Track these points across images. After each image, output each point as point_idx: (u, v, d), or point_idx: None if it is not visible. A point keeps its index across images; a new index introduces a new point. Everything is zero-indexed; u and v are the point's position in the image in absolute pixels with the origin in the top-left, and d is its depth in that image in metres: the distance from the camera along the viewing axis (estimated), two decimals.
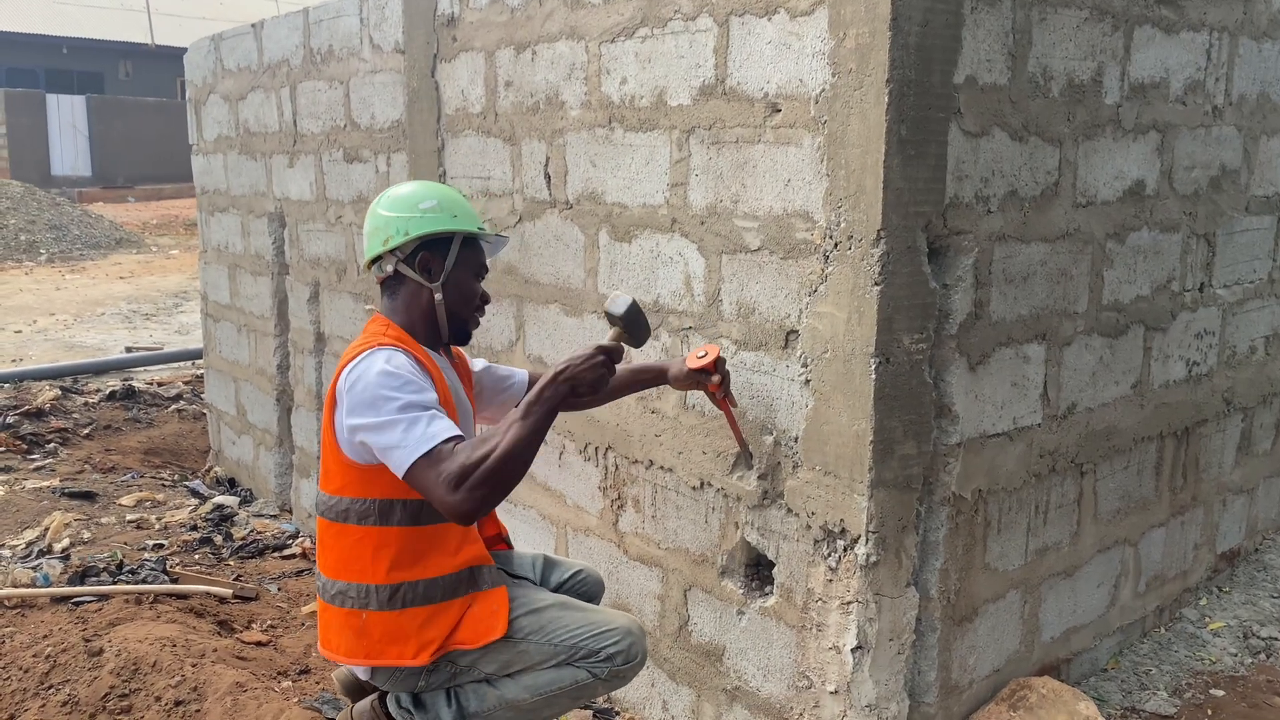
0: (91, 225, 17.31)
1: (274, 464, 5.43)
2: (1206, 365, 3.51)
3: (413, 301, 2.46)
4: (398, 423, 2.18)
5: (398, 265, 2.44)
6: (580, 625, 2.44)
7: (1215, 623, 3.54)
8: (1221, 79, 3.29)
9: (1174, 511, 3.51)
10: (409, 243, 2.42)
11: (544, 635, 2.41)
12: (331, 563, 2.40)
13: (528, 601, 2.47)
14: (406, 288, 2.46)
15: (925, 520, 2.63)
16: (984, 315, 2.65)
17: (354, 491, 2.34)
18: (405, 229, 2.42)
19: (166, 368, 8.56)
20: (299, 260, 5.03)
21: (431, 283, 2.44)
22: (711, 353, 2.60)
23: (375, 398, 2.21)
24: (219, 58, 5.58)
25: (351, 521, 2.35)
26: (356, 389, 2.25)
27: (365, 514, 2.34)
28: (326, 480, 2.40)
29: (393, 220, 2.43)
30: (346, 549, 2.37)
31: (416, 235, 2.41)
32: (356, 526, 2.35)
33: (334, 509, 2.37)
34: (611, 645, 2.42)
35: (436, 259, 2.45)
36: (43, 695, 2.85)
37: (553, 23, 3.22)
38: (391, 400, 2.20)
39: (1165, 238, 3.20)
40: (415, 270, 2.44)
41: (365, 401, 2.22)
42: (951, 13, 2.39)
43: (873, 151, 2.35)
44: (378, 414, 2.20)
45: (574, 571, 2.80)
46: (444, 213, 2.45)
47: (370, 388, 2.22)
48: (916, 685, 2.68)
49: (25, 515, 4.62)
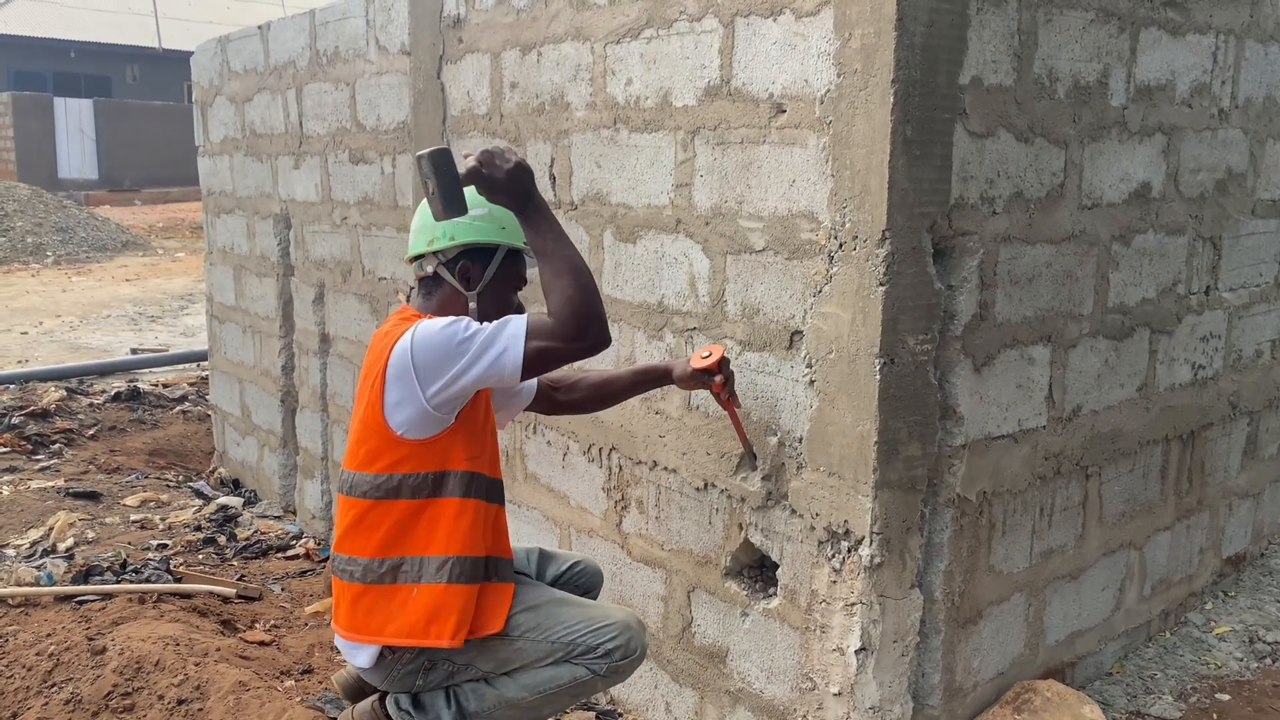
0: (98, 228, 17.36)
1: (278, 465, 5.43)
2: (1212, 369, 3.50)
3: (447, 305, 2.47)
4: (489, 340, 2.23)
5: (438, 268, 2.45)
6: (577, 621, 2.43)
7: (1221, 627, 3.53)
8: (1228, 82, 3.28)
9: (1179, 515, 3.50)
10: (453, 248, 2.43)
11: (541, 632, 2.41)
12: (377, 542, 2.38)
13: (524, 598, 2.46)
14: (443, 290, 2.47)
15: (930, 522, 2.62)
16: (989, 317, 2.64)
17: (407, 467, 2.35)
18: (452, 233, 2.42)
19: (172, 369, 8.58)
20: (304, 261, 5.04)
21: (469, 291, 2.45)
22: (716, 353, 2.60)
23: (451, 344, 2.24)
24: (225, 59, 5.60)
25: (404, 496, 2.36)
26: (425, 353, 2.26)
27: (419, 487, 2.36)
28: (371, 459, 2.38)
29: (441, 222, 2.43)
30: (400, 524, 2.37)
31: (462, 242, 2.42)
32: (410, 501, 2.36)
33: (382, 487, 2.36)
34: (609, 641, 2.41)
35: (477, 268, 2.45)
36: (45, 693, 2.86)
37: (558, 24, 3.23)
38: (465, 337, 2.24)
39: (1171, 240, 3.20)
40: (455, 276, 2.44)
41: (444, 356, 2.24)
42: (957, 13, 2.39)
43: (878, 152, 2.35)
44: (465, 354, 2.23)
45: (571, 563, 2.79)
46: (493, 223, 2.45)
47: (439, 342, 2.25)
48: (920, 687, 2.67)
49: (30, 515, 4.63)
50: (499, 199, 2.30)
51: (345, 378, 4.74)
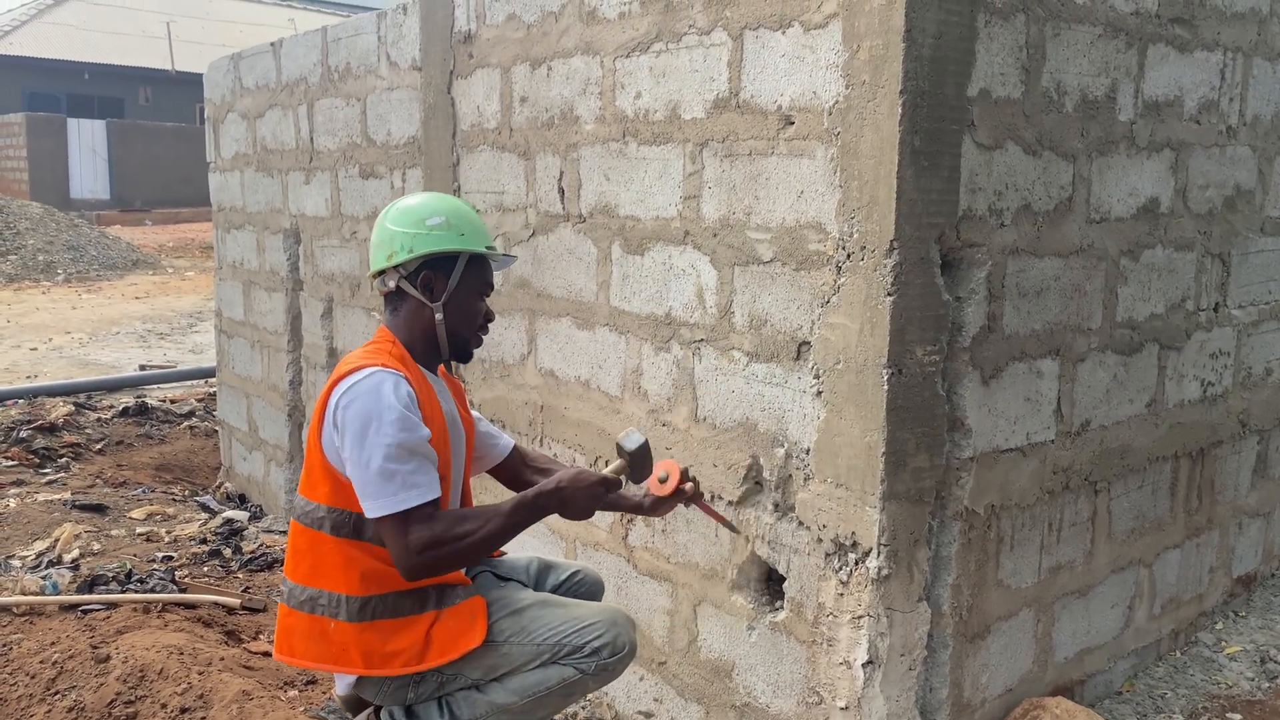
0: (109, 246, 17.46)
1: (284, 480, 5.43)
2: (1221, 386, 3.48)
3: (414, 319, 2.43)
4: (382, 470, 2.17)
5: (400, 282, 2.40)
6: (562, 622, 2.40)
7: (1231, 647, 3.50)
8: (1235, 99, 3.29)
9: (1189, 533, 3.48)
10: (413, 260, 2.38)
11: (526, 636, 2.38)
12: (304, 570, 2.37)
13: (508, 603, 2.44)
14: (408, 304, 2.42)
15: (937, 535, 2.61)
16: (997, 329, 2.64)
17: (333, 501, 2.32)
18: (410, 246, 2.37)
19: (179, 385, 8.59)
20: (313, 276, 5.06)
21: (433, 302, 2.40)
22: (673, 475, 2.51)
23: (365, 428, 2.19)
24: (238, 76, 5.65)
25: (326, 530, 2.33)
26: (350, 411, 2.22)
27: (340, 525, 2.32)
28: (309, 486, 2.38)
29: (398, 235, 2.39)
30: (320, 557, 2.34)
31: (421, 254, 2.37)
32: (330, 536, 2.33)
33: (310, 515, 2.35)
34: (596, 639, 2.38)
35: (440, 278, 2.40)
36: (49, 701, 2.85)
37: (568, 39, 3.25)
38: (381, 438, 2.18)
39: (1180, 256, 3.19)
40: (417, 288, 2.39)
41: (356, 429, 2.20)
42: (965, 25, 2.40)
43: (886, 162, 2.35)
44: (362, 447, 2.19)
45: (571, 573, 2.76)
46: (451, 230, 2.40)
47: (363, 416, 2.20)
48: (928, 702, 2.64)
49: (36, 527, 4.63)
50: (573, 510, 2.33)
51: None
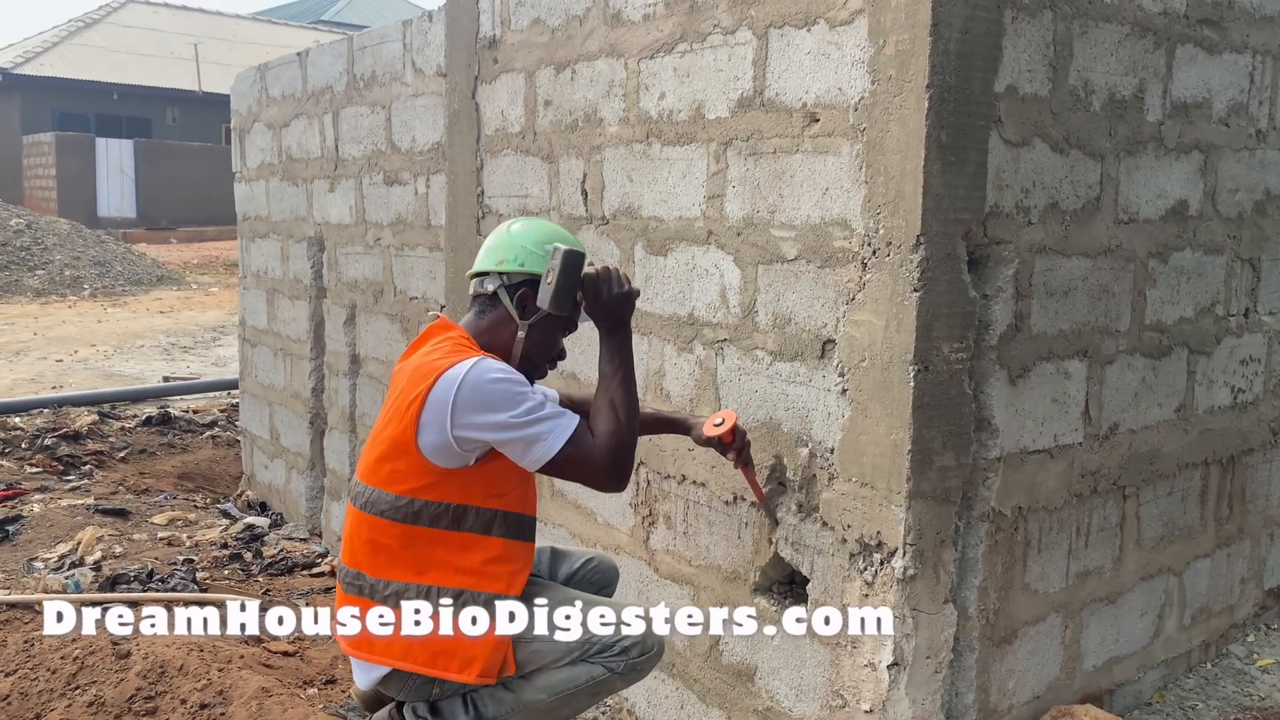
0: (134, 262, 17.66)
1: (305, 488, 5.44)
2: (1252, 393, 3.44)
3: (497, 328, 2.47)
4: (533, 420, 2.25)
5: (499, 289, 2.46)
6: (593, 619, 2.39)
7: (1264, 659, 3.43)
8: (1265, 103, 3.26)
9: (1220, 543, 3.42)
10: (519, 274, 2.44)
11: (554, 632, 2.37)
12: (383, 563, 2.37)
13: (538, 600, 2.43)
14: (496, 313, 2.47)
15: (964, 536, 2.57)
16: (1024, 328, 2.61)
17: (431, 495, 2.33)
18: (522, 260, 2.44)
19: (202, 397, 8.65)
20: (336, 283, 5.08)
21: (522, 319, 2.45)
22: (729, 420, 2.58)
23: (501, 400, 2.25)
24: (264, 86, 5.71)
25: (422, 523, 2.34)
26: (473, 392, 2.25)
27: (438, 517, 2.34)
28: (392, 480, 2.37)
29: (515, 246, 2.45)
30: (409, 548, 2.35)
31: (530, 271, 2.44)
32: (427, 528, 2.34)
33: (403, 510, 2.35)
34: (625, 637, 2.37)
35: (536, 300, 2.45)
36: (69, 696, 2.85)
37: (593, 41, 3.26)
38: (517, 401, 2.26)
39: (1209, 260, 3.16)
40: (512, 301, 2.45)
41: (490, 403, 2.25)
42: (992, 21, 2.39)
43: (912, 157, 2.34)
44: (509, 415, 2.25)
45: (584, 560, 2.75)
46: None
47: (493, 390, 2.26)
48: (954, 707, 2.60)
49: (59, 530, 4.66)
50: (598, 312, 2.41)
51: (375, 399, 4.76)
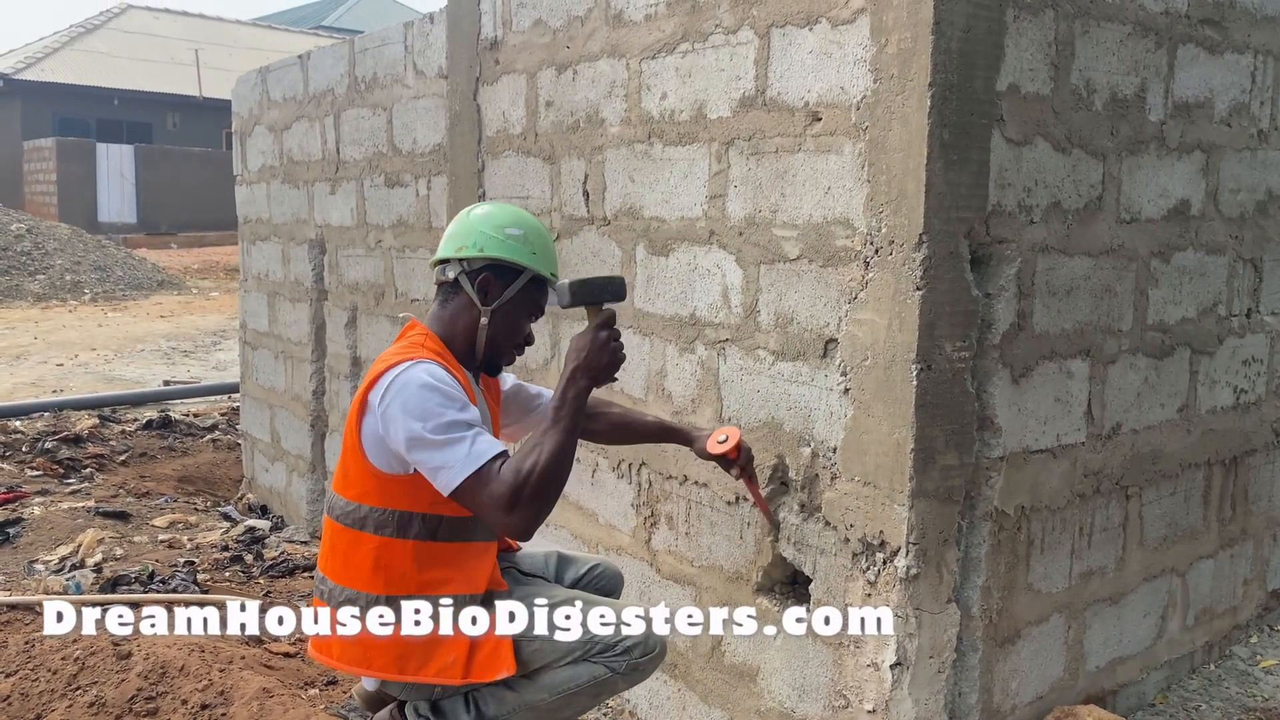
0: (135, 267, 17.67)
1: (306, 490, 5.44)
2: (1255, 394, 3.43)
3: (460, 315, 2.44)
4: (444, 441, 2.16)
5: (460, 275, 2.42)
6: (594, 619, 2.38)
7: (1267, 660, 3.42)
8: (1267, 103, 3.26)
9: (1223, 543, 3.41)
10: (479, 259, 2.41)
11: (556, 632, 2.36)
12: (338, 568, 2.37)
13: (538, 599, 2.42)
14: (459, 299, 2.44)
15: (967, 535, 2.57)
16: (1027, 327, 2.61)
17: (374, 500, 2.32)
18: (482, 245, 2.41)
19: (203, 400, 8.64)
20: (337, 285, 5.08)
21: (484, 305, 2.42)
22: (732, 438, 2.56)
23: (420, 411, 2.18)
24: (265, 89, 5.71)
25: (368, 530, 2.33)
26: (399, 400, 2.21)
27: (383, 524, 2.32)
28: (345, 485, 2.38)
29: (474, 231, 2.42)
30: (361, 557, 2.34)
31: (489, 256, 2.40)
32: (373, 535, 2.33)
33: (351, 515, 2.35)
34: (627, 637, 2.36)
35: (498, 285, 2.41)
36: (70, 696, 2.84)
37: (594, 42, 3.27)
38: (436, 416, 2.18)
39: (1211, 260, 3.16)
40: (474, 288, 2.41)
41: (409, 414, 2.19)
42: (994, 19, 2.39)
43: (914, 156, 2.34)
44: (423, 428, 2.17)
45: (590, 566, 2.74)
46: (525, 245, 2.42)
47: (414, 401, 2.19)
48: (957, 707, 2.59)
49: (60, 532, 4.65)
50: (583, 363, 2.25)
51: None
